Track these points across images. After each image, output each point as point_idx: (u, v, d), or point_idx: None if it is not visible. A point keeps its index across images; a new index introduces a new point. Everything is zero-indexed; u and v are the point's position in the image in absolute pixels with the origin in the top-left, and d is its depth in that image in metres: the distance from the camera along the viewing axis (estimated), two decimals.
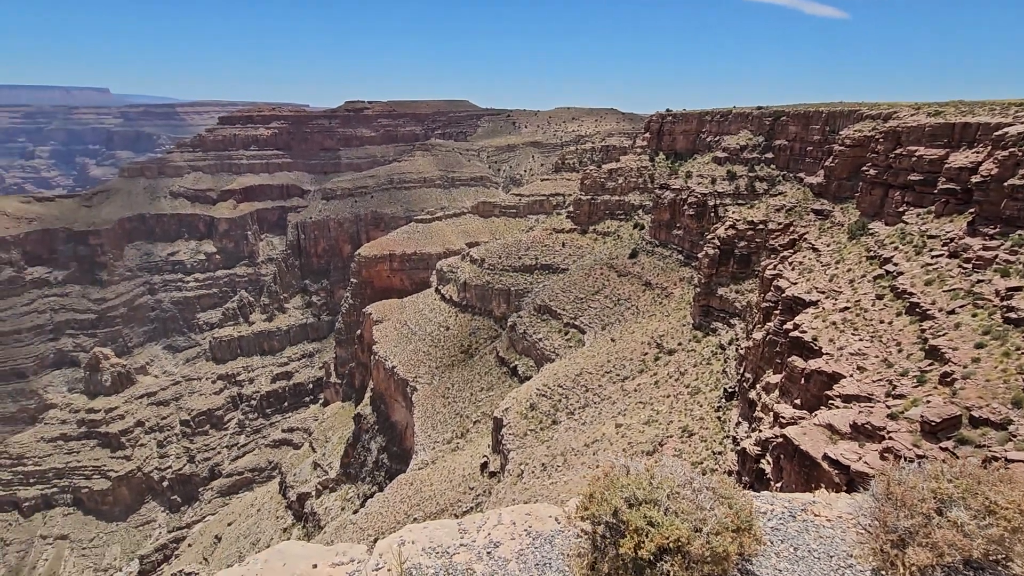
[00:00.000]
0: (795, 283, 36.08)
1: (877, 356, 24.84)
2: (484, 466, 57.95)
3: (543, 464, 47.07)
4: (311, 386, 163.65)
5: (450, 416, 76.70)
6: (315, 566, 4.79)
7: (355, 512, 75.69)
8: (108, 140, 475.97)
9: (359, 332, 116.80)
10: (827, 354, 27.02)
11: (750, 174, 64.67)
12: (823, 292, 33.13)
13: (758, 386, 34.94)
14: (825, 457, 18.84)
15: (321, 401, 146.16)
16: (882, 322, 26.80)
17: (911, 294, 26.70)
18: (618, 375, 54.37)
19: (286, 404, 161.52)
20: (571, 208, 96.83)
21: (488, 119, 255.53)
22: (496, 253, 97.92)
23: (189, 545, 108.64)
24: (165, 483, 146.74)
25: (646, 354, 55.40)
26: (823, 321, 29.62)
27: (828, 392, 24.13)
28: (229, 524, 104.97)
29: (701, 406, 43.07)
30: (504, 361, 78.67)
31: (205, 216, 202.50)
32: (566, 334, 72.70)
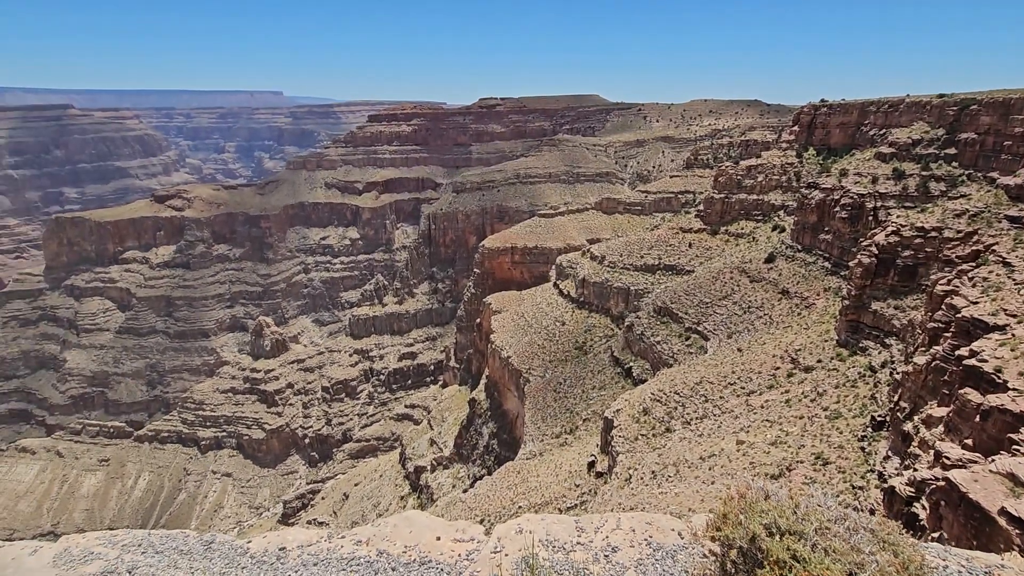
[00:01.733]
0: (976, 302, 30.56)
1: None
2: (591, 465, 57.38)
3: (653, 472, 45.38)
4: (432, 368, 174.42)
5: (560, 411, 76.99)
6: (438, 538, 5.08)
7: (464, 491, 79.33)
8: (279, 137, 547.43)
9: (478, 321, 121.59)
10: (1014, 390, 22.58)
11: (923, 173, 55.87)
12: (1014, 315, 27.67)
13: (916, 418, 30.30)
14: (1003, 512, 15.79)
15: (440, 383, 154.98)
16: None
17: None
18: (743, 388, 50.47)
19: (409, 382, 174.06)
20: (701, 207, 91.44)
21: (617, 114, 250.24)
22: (617, 250, 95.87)
23: (322, 498, 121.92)
24: (306, 440, 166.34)
25: (777, 369, 50.70)
26: (1011, 350, 24.76)
27: (1012, 435, 20.19)
28: (356, 484, 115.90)
29: (841, 433, 38.44)
30: (618, 361, 76.98)
31: (352, 205, 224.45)
32: (687, 339, 69.08)
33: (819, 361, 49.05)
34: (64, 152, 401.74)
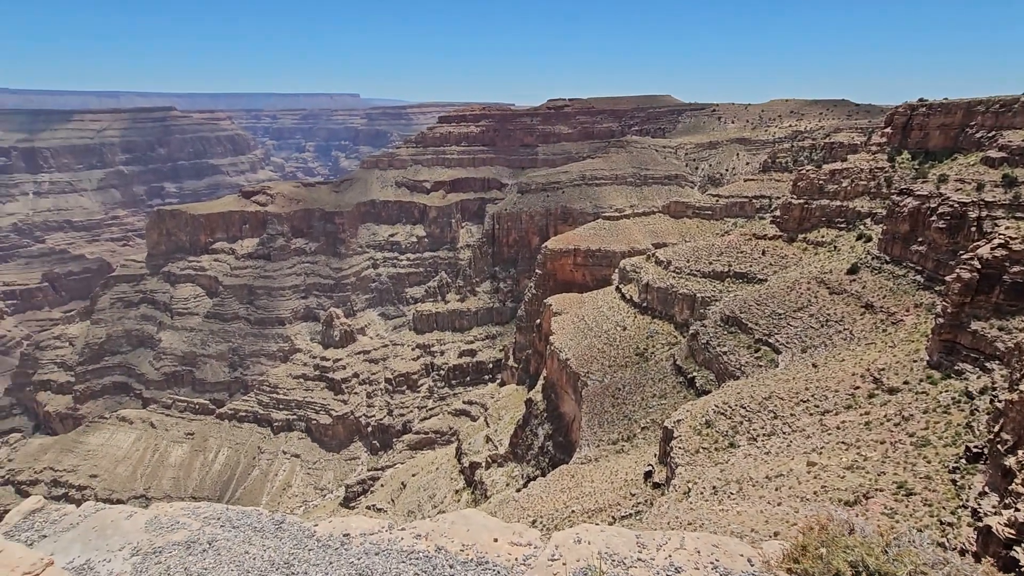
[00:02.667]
0: None
1: None
2: (648, 475, 55.93)
3: (714, 487, 43.59)
4: (491, 366, 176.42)
5: (618, 417, 75.58)
6: (496, 540, 5.12)
7: (518, 490, 79.66)
8: (355, 137, 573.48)
9: (538, 321, 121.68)
10: None
11: None
12: None
13: (1020, 452, 27.25)
14: None
15: (498, 381, 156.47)
16: None
17: None
18: (817, 407, 47.39)
19: (468, 379, 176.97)
20: (778, 212, 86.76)
21: (690, 114, 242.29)
22: (684, 256, 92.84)
23: (381, 485, 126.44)
24: (369, 428, 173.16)
25: (857, 388, 47.20)
26: None
27: None
28: (413, 475, 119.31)
29: (929, 462, 35.22)
30: (681, 370, 74.52)
31: (419, 204, 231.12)
32: (756, 351, 65.80)
33: (906, 383, 45.25)
34: (167, 150, 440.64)
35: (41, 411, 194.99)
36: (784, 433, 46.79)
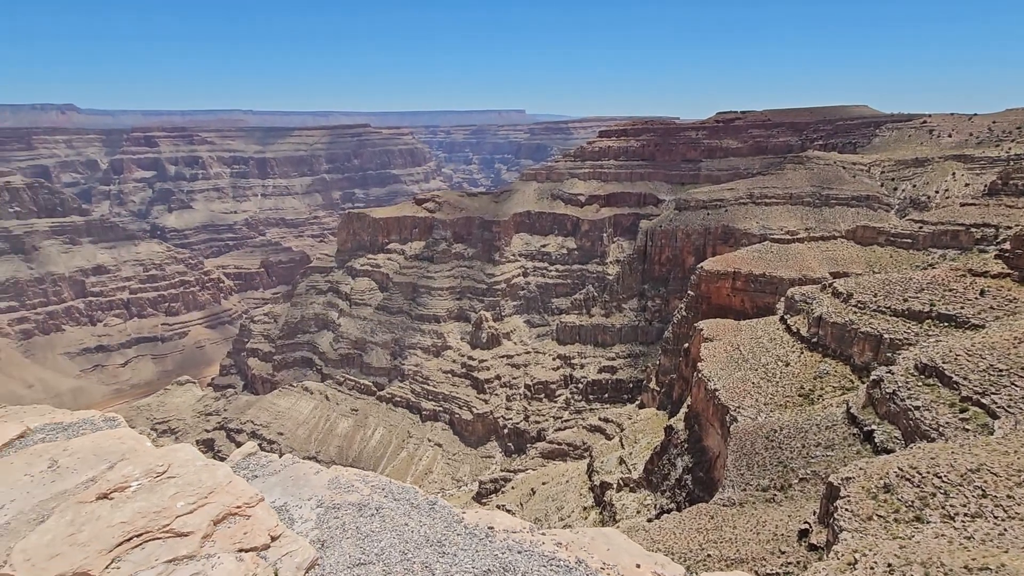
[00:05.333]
0: None
1: None
2: (804, 533, 49.38)
3: (889, 565, 36.91)
4: (631, 385, 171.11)
5: (771, 462, 68.00)
6: (638, 566, 5.02)
7: (649, 520, 75.92)
8: (517, 151, 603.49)
9: (686, 346, 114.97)
10: None
11: None
12: None
13: None
14: None
15: (638, 402, 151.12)
16: None
17: None
18: None
19: (606, 395, 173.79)
20: (1008, 245, 70.92)
21: (891, 126, 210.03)
22: (871, 289, 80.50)
23: (512, 487, 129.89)
24: (505, 430, 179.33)
25: None
26: None
27: None
28: (543, 483, 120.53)
29: None
30: (856, 420, 64.49)
31: (573, 217, 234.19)
32: (962, 411, 54.33)
33: None
34: (359, 161, 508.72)
35: (249, 373, 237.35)
36: (996, 518, 37.92)
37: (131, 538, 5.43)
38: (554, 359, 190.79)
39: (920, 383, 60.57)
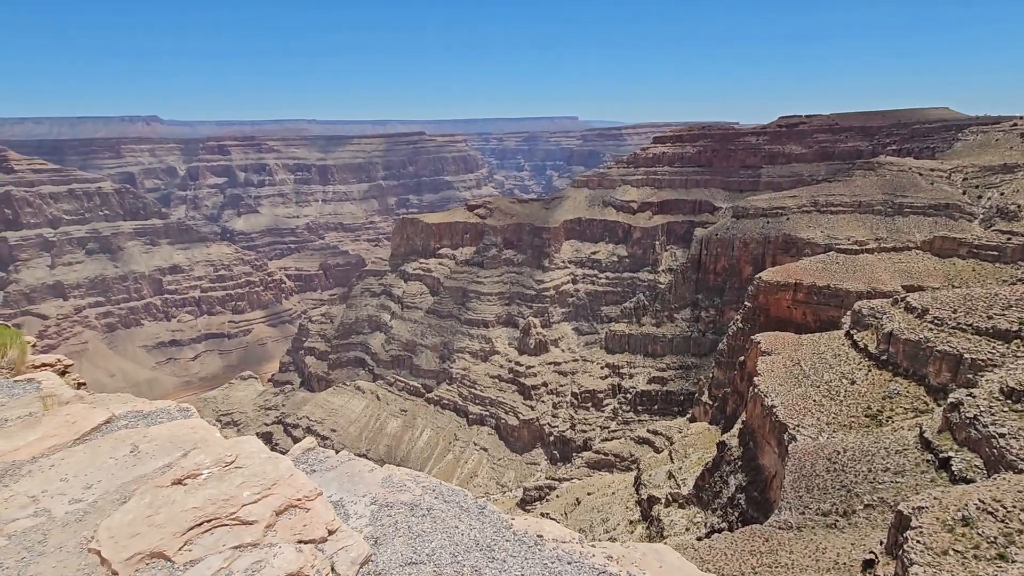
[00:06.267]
0: None
1: None
2: (869, 564, 46.31)
3: None
4: (682, 398, 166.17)
5: (833, 485, 64.18)
6: None
7: (698, 539, 73.29)
8: (569, 157, 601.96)
9: (742, 359, 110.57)
10: None
11: None
12: None
13: None
14: None
15: (688, 415, 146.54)
16: None
17: None
18: None
19: (656, 407, 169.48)
20: None
21: (975, 130, 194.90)
22: (950, 304, 74.80)
23: (557, 496, 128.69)
24: (551, 438, 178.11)
25: None
26: None
27: None
28: (588, 494, 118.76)
29: None
30: (930, 446, 59.89)
31: (624, 224, 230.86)
32: None
33: None
34: (414, 168, 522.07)
35: (306, 371, 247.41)
36: None
37: (202, 523, 5.76)
38: (602, 368, 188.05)
39: (1006, 408, 55.72)
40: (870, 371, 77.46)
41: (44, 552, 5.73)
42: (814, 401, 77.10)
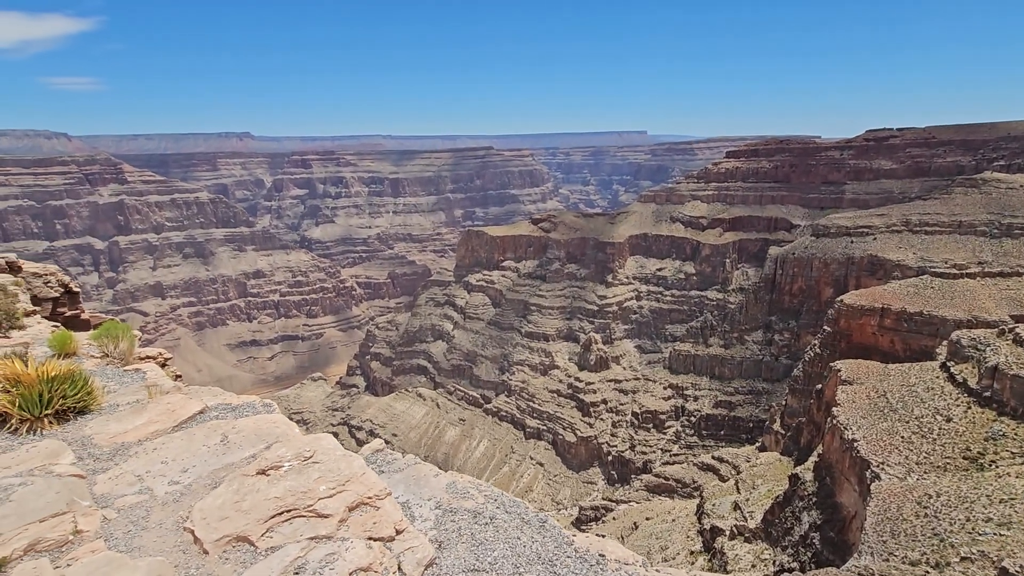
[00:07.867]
0: None
1: None
2: None
3: None
4: (751, 425, 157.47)
5: (924, 533, 58.32)
6: None
7: None
8: (637, 172, 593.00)
9: (820, 387, 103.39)
10: None
11: None
12: None
13: None
14: None
15: (758, 444, 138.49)
16: None
17: None
18: None
19: (721, 433, 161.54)
20: None
21: None
22: None
23: (613, 518, 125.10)
24: (609, 458, 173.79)
25: None
26: None
27: None
28: (647, 519, 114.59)
29: None
30: None
31: (692, 241, 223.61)
32: None
33: None
34: (481, 181, 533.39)
35: (371, 375, 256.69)
36: None
37: (282, 512, 6.14)
38: (665, 388, 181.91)
39: None
40: (969, 408, 70.12)
41: (147, 527, 6.34)
42: (902, 438, 70.76)
